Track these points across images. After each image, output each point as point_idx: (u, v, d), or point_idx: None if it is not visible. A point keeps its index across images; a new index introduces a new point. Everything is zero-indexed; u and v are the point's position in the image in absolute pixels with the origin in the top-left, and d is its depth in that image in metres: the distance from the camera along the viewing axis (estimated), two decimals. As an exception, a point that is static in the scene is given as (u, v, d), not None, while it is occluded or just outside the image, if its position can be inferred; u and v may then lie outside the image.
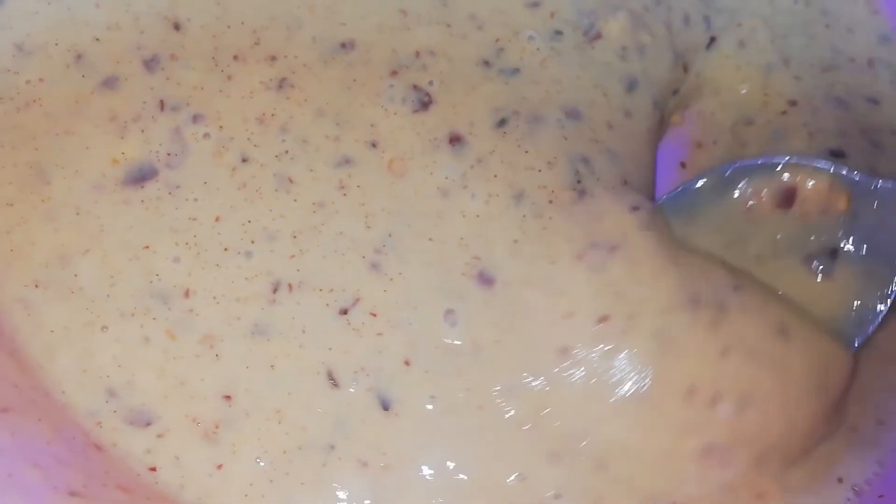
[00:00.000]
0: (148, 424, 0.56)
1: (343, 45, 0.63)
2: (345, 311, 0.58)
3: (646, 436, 0.56)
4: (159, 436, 0.57)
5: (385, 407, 0.56)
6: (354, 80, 0.62)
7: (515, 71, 0.64)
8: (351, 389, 0.57)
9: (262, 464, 0.56)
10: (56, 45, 0.61)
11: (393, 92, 0.62)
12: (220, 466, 0.56)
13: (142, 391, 0.57)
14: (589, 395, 0.56)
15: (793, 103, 0.66)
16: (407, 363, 0.57)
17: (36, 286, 0.57)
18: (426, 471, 0.56)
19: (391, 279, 0.58)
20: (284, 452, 0.56)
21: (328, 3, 0.64)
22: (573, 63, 0.64)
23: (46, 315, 0.57)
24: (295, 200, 0.59)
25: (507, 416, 0.56)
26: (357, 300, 0.58)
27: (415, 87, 0.62)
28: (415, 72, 0.63)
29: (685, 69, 0.67)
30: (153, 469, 0.56)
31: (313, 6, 0.64)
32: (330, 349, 0.57)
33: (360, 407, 0.56)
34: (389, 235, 0.59)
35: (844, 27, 0.68)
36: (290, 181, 0.60)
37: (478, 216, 0.60)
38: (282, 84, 0.62)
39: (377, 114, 0.62)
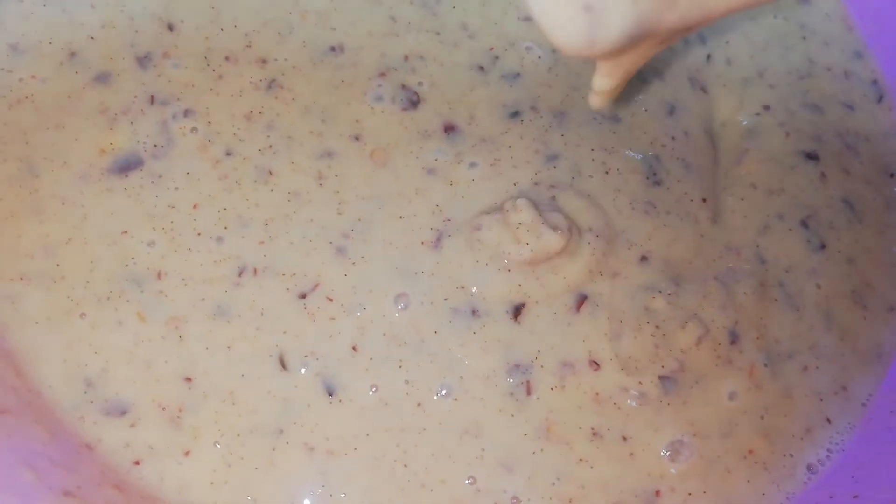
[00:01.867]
0: (123, 413, 0.56)
1: (333, 49, 0.65)
2: (303, 296, 0.58)
3: None
4: (132, 425, 0.56)
5: (329, 392, 0.57)
6: (343, 81, 0.64)
7: (517, 76, 0.65)
8: (300, 373, 0.57)
9: (219, 447, 0.56)
10: (50, 43, 0.63)
11: (381, 91, 0.64)
12: (187, 453, 0.56)
13: (114, 379, 0.57)
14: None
15: (766, 107, 0.67)
16: (354, 349, 0.58)
17: (21, 279, 0.58)
18: (370, 460, 0.56)
19: (353, 263, 0.59)
20: (238, 435, 0.56)
21: (320, 9, 0.66)
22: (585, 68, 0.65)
23: (31, 307, 0.57)
24: (272, 191, 0.61)
25: (446, 418, 0.57)
26: (316, 285, 0.59)
27: (403, 86, 0.64)
28: (403, 73, 0.64)
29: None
30: (137, 463, 0.55)
31: (305, 13, 0.66)
32: (284, 333, 0.57)
33: (307, 392, 0.56)
34: (359, 220, 0.60)
35: (821, 41, 0.69)
36: (270, 173, 0.61)
37: (473, 180, 0.61)
38: (271, 85, 0.63)
39: (363, 111, 0.63)
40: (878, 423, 0.60)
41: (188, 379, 0.57)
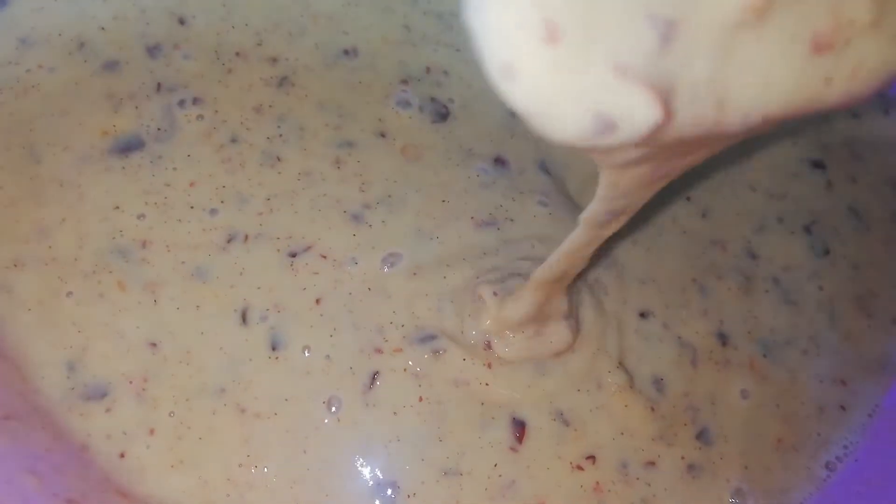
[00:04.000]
0: (103, 396, 0.54)
1: (346, 52, 0.65)
2: (294, 254, 0.58)
3: None
4: (108, 410, 0.54)
5: (273, 347, 0.55)
6: (360, 82, 0.64)
7: None
8: (255, 326, 0.56)
9: (173, 416, 0.54)
10: (59, 35, 0.63)
11: (406, 97, 0.64)
12: (152, 431, 0.54)
13: (92, 357, 0.55)
14: None
15: None
16: (317, 302, 0.56)
17: (15, 266, 0.56)
18: (287, 425, 0.54)
19: (370, 226, 0.59)
20: (187, 400, 0.54)
21: (330, 13, 0.67)
22: None
23: (24, 293, 0.56)
24: (279, 173, 0.60)
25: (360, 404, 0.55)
26: (310, 246, 0.58)
27: (433, 99, 0.64)
28: (428, 86, 0.64)
29: None
30: (122, 455, 0.53)
31: (316, 16, 0.67)
32: (258, 288, 0.57)
33: (254, 346, 0.55)
34: (389, 196, 0.60)
35: None
36: (278, 159, 0.60)
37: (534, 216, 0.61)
38: (282, 82, 0.63)
39: (386, 112, 0.63)
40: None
41: (153, 344, 0.55)
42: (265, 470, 0.53)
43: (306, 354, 0.55)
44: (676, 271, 0.61)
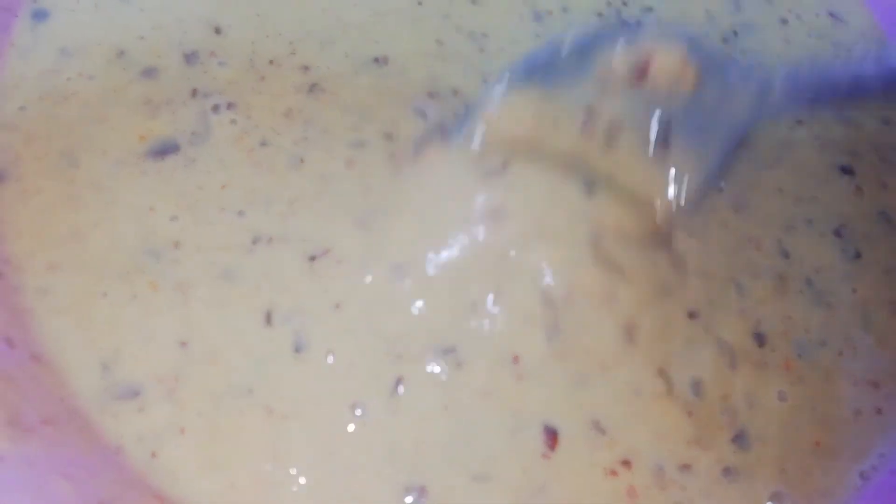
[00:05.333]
0: (135, 395, 0.54)
1: (376, 60, 0.66)
2: (313, 258, 0.58)
3: None
4: (140, 409, 0.54)
5: (297, 349, 0.56)
6: (388, 88, 0.65)
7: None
8: (280, 328, 0.56)
9: (202, 417, 0.54)
10: (99, 45, 0.65)
11: (425, 108, 0.64)
12: (182, 430, 0.54)
13: (124, 357, 0.55)
14: None
15: (799, 122, 0.67)
16: (337, 306, 0.57)
17: (51, 268, 0.57)
18: (313, 427, 0.54)
19: (376, 231, 0.59)
20: (216, 399, 0.54)
21: (362, 22, 0.68)
22: None
23: (60, 295, 0.56)
24: (302, 175, 0.61)
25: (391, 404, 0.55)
26: (328, 250, 0.58)
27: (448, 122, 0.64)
28: (451, 109, 0.64)
29: None
30: (154, 455, 0.53)
31: (346, 27, 0.68)
32: (282, 290, 0.57)
33: (279, 347, 0.56)
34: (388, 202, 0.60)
35: (857, 59, 0.70)
36: (302, 161, 0.61)
37: None
38: (312, 88, 0.64)
39: (400, 115, 0.64)
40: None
41: (183, 343, 0.55)
42: (292, 472, 0.53)
43: (329, 359, 0.56)
44: (721, 266, 0.60)
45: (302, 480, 0.53)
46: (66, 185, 0.59)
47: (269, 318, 0.57)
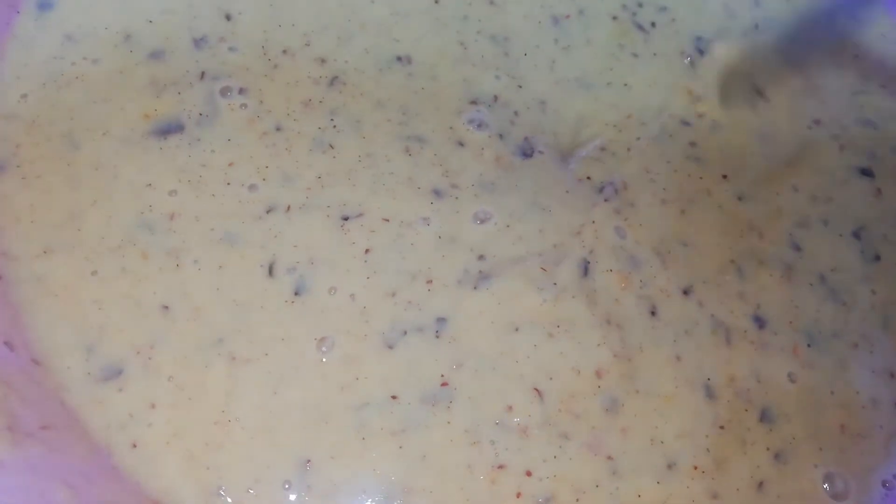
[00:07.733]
0: (118, 374, 0.52)
1: (399, 59, 0.64)
2: (346, 218, 0.57)
3: None
4: (120, 390, 0.52)
5: (297, 293, 0.55)
6: (423, 88, 0.63)
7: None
8: (281, 277, 0.55)
9: (171, 381, 0.52)
10: (106, 29, 0.62)
11: (480, 117, 0.62)
12: (153, 406, 0.52)
13: (108, 333, 0.53)
14: None
15: (816, 122, 0.66)
16: (367, 251, 0.57)
17: (45, 253, 0.54)
18: (270, 367, 0.53)
19: (456, 198, 0.59)
20: (185, 357, 0.53)
21: (378, 21, 0.66)
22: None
23: (52, 280, 0.54)
24: (334, 157, 0.59)
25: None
26: (364, 212, 0.58)
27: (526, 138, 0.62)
28: (498, 117, 0.63)
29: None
30: (134, 446, 0.51)
31: (364, 24, 0.65)
32: (294, 246, 0.56)
33: (274, 294, 0.55)
34: (493, 183, 0.60)
35: (876, 59, 0.70)
36: (331, 146, 0.59)
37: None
38: (333, 81, 0.62)
39: (457, 124, 0.62)
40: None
41: (165, 307, 0.54)
42: (236, 421, 0.52)
43: (330, 295, 0.55)
44: (714, 245, 0.60)
45: (241, 430, 0.52)
46: (65, 168, 0.57)
47: (270, 271, 0.55)
